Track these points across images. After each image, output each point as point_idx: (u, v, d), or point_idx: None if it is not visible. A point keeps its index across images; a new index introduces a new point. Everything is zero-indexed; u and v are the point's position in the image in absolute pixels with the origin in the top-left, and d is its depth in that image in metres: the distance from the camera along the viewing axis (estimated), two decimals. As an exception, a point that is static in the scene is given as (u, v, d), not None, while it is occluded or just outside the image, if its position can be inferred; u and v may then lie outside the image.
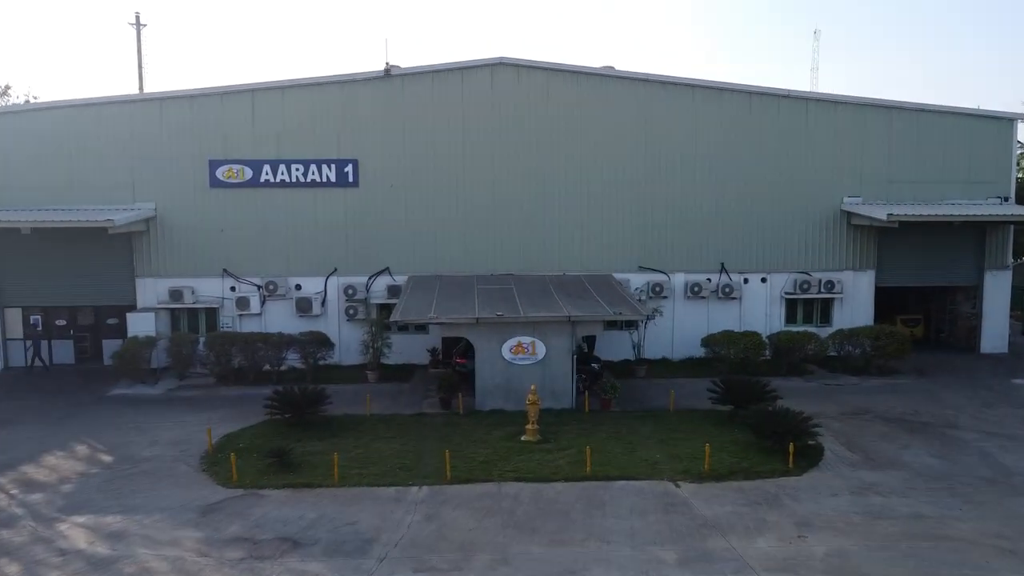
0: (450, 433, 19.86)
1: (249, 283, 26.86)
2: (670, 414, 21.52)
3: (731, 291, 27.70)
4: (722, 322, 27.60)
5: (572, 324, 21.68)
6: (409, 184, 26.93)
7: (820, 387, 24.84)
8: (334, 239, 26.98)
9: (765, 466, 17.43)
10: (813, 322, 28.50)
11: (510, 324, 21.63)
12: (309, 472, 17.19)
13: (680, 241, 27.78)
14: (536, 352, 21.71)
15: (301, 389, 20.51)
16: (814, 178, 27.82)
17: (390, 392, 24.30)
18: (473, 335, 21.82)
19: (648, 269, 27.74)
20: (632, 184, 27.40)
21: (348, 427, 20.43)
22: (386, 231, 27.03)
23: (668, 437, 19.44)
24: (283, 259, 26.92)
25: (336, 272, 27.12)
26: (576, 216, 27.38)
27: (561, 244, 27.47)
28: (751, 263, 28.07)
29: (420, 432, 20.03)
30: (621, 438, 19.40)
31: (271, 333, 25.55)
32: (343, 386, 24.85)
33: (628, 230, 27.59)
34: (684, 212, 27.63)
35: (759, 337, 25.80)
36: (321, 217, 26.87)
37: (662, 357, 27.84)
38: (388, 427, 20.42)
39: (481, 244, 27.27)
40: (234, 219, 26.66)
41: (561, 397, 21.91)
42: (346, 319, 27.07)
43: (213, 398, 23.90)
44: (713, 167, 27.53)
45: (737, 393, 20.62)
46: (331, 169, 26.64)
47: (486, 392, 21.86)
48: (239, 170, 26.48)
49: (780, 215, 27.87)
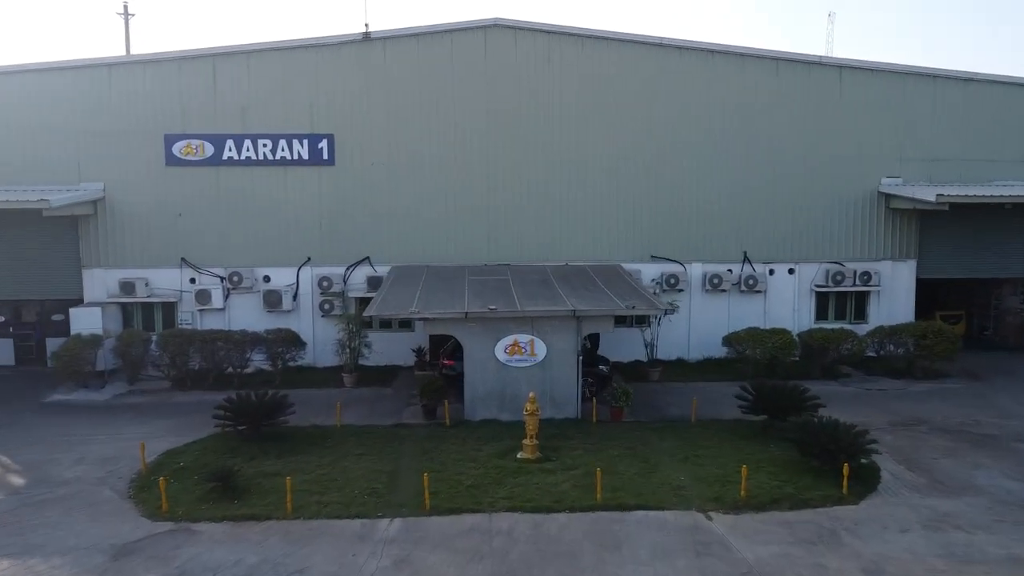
0: (433, 449, 16.76)
1: (211, 274, 23.77)
2: (692, 425, 18.42)
3: (755, 283, 24.60)
4: (744, 318, 24.50)
5: (577, 320, 18.58)
6: (392, 163, 23.82)
7: (860, 392, 21.73)
8: (307, 225, 23.88)
9: (814, 491, 14.34)
10: (846, 318, 25.39)
11: (505, 320, 18.53)
12: (258, 500, 14.09)
13: (697, 227, 24.67)
14: (535, 352, 18.61)
15: (259, 396, 17.42)
16: (849, 156, 24.71)
17: (368, 398, 21.20)
18: (462, 333, 18.72)
19: (661, 259, 24.63)
20: (644, 163, 24.29)
21: (313, 441, 17.33)
22: (366, 216, 23.94)
23: (692, 454, 16.34)
24: (249, 247, 23.82)
25: (309, 262, 24.02)
26: (580, 199, 24.29)
27: (563, 231, 24.37)
28: (777, 252, 24.96)
29: (397, 447, 16.93)
30: (636, 455, 16.30)
31: (233, 331, 22.46)
32: (315, 391, 21.79)
33: (639, 215, 24.49)
34: (702, 194, 24.53)
35: (789, 335, 22.69)
36: (292, 200, 23.78)
37: (677, 358, 24.75)
38: (360, 441, 17.32)
39: (474, 231, 24.17)
40: (194, 202, 23.56)
41: (564, 405, 18.80)
42: (321, 315, 23.97)
43: (164, 405, 20.80)
44: (735, 144, 24.42)
45: (772, 401, 17.52)
46: (303, 145, 23.54)
47: (477, 399, 18.77)
48: (199, 146, 23.37)
49: (810, 198, 24.76)
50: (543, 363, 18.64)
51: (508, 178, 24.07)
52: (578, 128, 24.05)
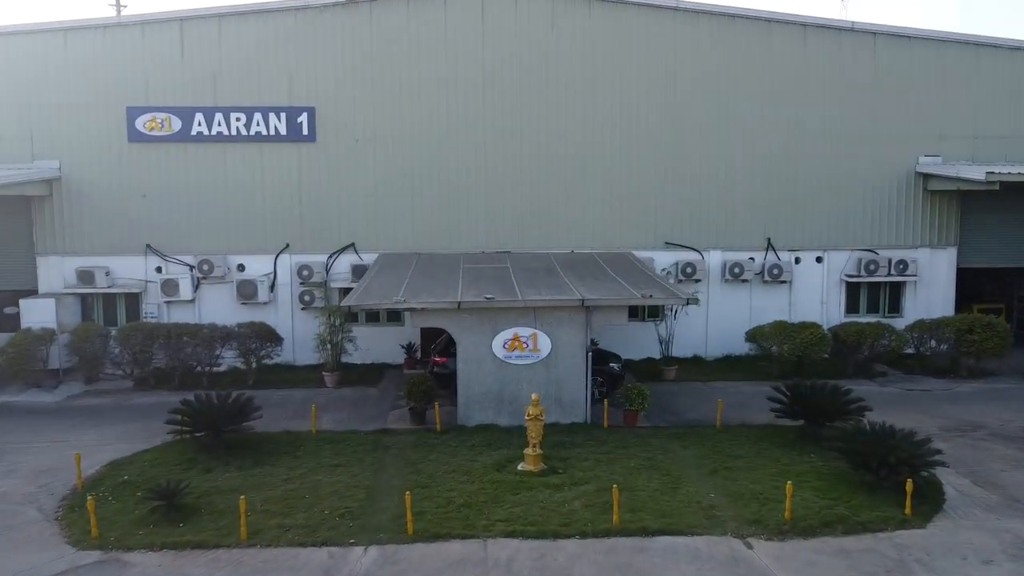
0: (420, 459, 14.47)
1: (179, 263, 21.47)
2: (718, 431, 16.12)
3: (779, 273, 22.29)
4: (768, 312, 22.20)
5: (586, 310, 16.29)
6: (379, 139, 21.52)
7: (901, 393, 19.42)
8: (285, 208, 21.59)
9: (871, 512, 12.05)
10: (879, 311, 23.08)
11: (504, 310, 16.24)
12: (209, 522, 11.81)
13: (717, 212, 22.37)
14: (538, 348, 16.32)
15: (220, 398, 15.14)
16: (883, 133, 22.39)
17: (350, 400, 18.91)
18: (454, 325, 16.44)
19: (676, 246, 22.34)
20: (658, 141, 21.99)
21: (283, 450, 15.04)
22: (350, 198, 21.65)
23: (721, 466, 14.04)
24: (222, 233, 21.52)
25: (288, 249, 21.72)
26: (588, 181, 21.99)
27: (569, 215, 22.06)
28: (804, 239, 22.66)
29: (379, 458, 14.63)
30: (656, 467, 14.01)
31: (202, 325, 20.16)
32: (292, 392, 19.53)
33: (652, 197, 22.18)
34: (721, 175, 22.23)
35: (820, 330, 20.38)
36: (269, 180, 21.48)
37: (693, 355, 22.45)
38: (337, 450, 15.02)
39: (470, 216, 21.88)
40: (159, 182, 21.26)
41: (572, 408, 16.52)
42: (300, 307, 21.68)
43: (122, 408, 18.51)
44: (758, 120, 22.12)
45: (810, 404, 15.22)
46: (281, 119, 21.24)
47: (471, 402, 16.48)
48: (165, 120, 21.07)
49: (840, 179, 22.44)
50: (547, 360, 16.36)
51: (508, 157, 21.78)
52: (585, 102, 21.75)
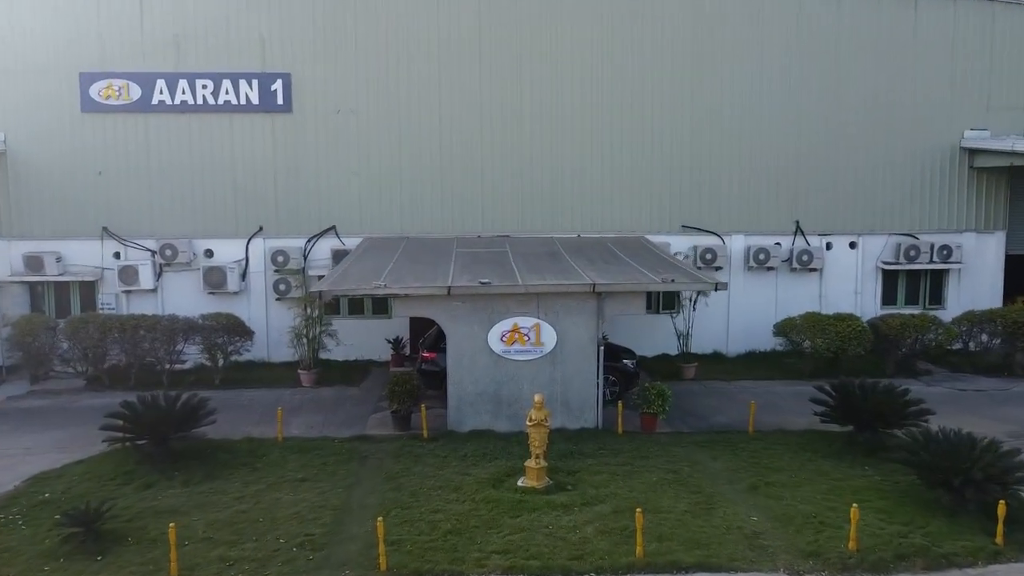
0: (402, 472, 12.20)
1: (139, 247, 19.19)
2: (750, 439, 13.86)
3: (809, 260, 20.00)
4: (795, 303, 19.90)
5: (598, 297, 14.01)
6: (363, 110, 19.24)
7: (953, 394, 17.14)
8: (259, 186, 19.31)
9: (953, 540, 9.80)
10: (919, 302, 20.82)
11: (502, 297, 13.97)
12: (134, 554, 9.56)
13: (740, 191, 20.08)
14: (541, 341, 14.05)
15: (168, 399, 12.88)
16: (924, 105, 20.11)
17: (328, 402, 16.65)
18: (445, 315, 14.16)
19: (694, 229, 20.06)
20: (675, 113, 19.71)
21: (240, 461, 12.78)
22: (332, 176, 19.37)
23: (761, 481, 11.77)
24: (187, 214, 19.25)
25: (261, 233, 19.44)
26: (596, 157, 19.70)
27: (575, 196, 19.78)
28: (836, 222, 20.38)
29: (354, 470, 12.36)
30: (683, 482, 11.74)
31: (161, 316, 17.89)
32: (263, 392, 17.27)
33: (668, 176, 19.89)
34: (744, 151, 19.94)
35: (859, 322, 18.10)
36: (240, 155, 19.21)
37: (713, 351, 20.17)
38: (304, 461, 12.75)
39: (465, 196, 19.60)
40: (117, 157, 18.98)
41: (581, 411, 14.25)
42: (276, 298, 19.39)
43: (66, 411, 16.23)
44: (785, 89, 19.83)
45: (862, 406, 12.94)
46: (253, 87, 18.96)
47: (464, 404, 14.21)
48: (122, 87, 18.80)
49: (876, 156, 20.16)
50: (552, 355, 14.09)
51: (508, 132, 19.49)
52: (594, 70, 19.45)
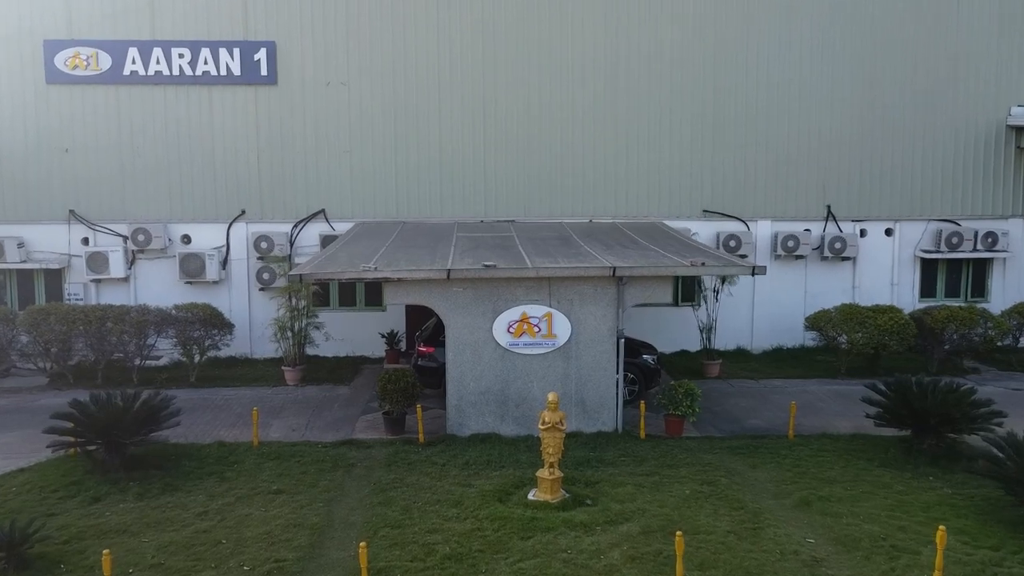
0: (394, 484, 10.52)
1: (110, 232, 17.54)
2: (792, 444, 12.17)
3: (842, 248, 18.32)
4: (826, 294, 18.25)
5: (618, 282, 12.33)
6: (356, 82, 17.59)
7: (1006, 394, 15.34)
8: (241, 166, 17.66)
9: (1058, 571, 8.10)
10: (960, 294, 19.15)
11: (509, 283, 12.30)
12: (65, 586, 7.90)
13: (766, 173, 18.40)
14: (554, 333, 12.38)
15: (127, 398, 11.21)
16: (967, 78, 18.42)
17: (314, 402, 14.97)
18: (444, 302, 12.48)
19: (717, 214, 18.39)
20: (694, 87, 18.04)
21: (208, 469, 11.11)
22: (321, 155, 17.72)
23: (813, 494, 10.08)
24: (162, 196, 17.60)
25: (244, 217, 17.79)
26: (610, 135, 18.04)
27: (586, 179, 18.10)
28: (871, 206, 18.70)
29: (338, 481, 10.68)
30: (722, 496, 10.05)
31: (130, 307, 16.21)
32: (242, 391, 15.61)
33: (687, 156, 18.22)
34: (772, 129, 18.27)
35: (901, 315, 16.40)
36: (220, 131, 17.55)
37: (737, 347, 18.49)
38: (281, 469, 11.08)
39: (467, 178, 17.93)
40: (86, 133, 17.34)
41: (598, 413, 12.57)
42: (259, 288, 17.75)
43: (22, 411, 14.51)
44: (816, 63, 18.15)
45: (922, 407, 11.24)
46: (234, 56, 17.30)
47: (466, 404, 12.52)
48: (91, 56, 17.15)
49: (914, 135, 18.48)
50: (565, 349, 12.42)
51: (513, 107, 17.83)
52: (607, 40, 17.79)
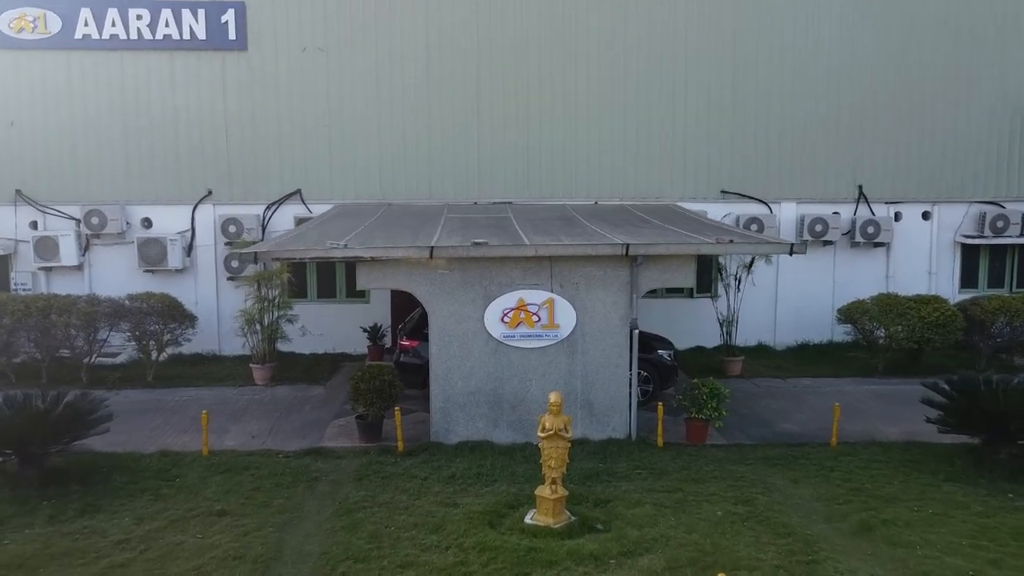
0: (364, 503, 8.69)
1: (61, 215, 15.76)
2: (836, 454, 10.34)
3: (875, 232, 16.51)
4: (857, 285, 16.39)
5: (631, 263, 10.51)
6: (335, 48, 15.80)
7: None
8: (207, 141, 15.86)
9: None
10: (1005, 284, 17.35)
11: (503, 263, 10.48)
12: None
13: (791, 150, 16.61)
14: (556, 323, 10.56)
15: (50, 400, 9.41)
16: (1014, 44, 16.64)
17: (284, 404, 13.15)
18: (427, 286, 10.66)
19: (736, 195, 16.59)
20: (711, 56, 16.25)
21: (144, 484, 9.28)
22: (296, 129, 15.93)
23: (874, 518, 8.24)
24: (119, 175, 15.81)
25: (211, 198, 15.99)
26: (617, 109, 16.24)
27: (591, 158, 16.30)
28: (906, 187, 16.90)
29: (296, 499, 8.85)
30: (762, 518, 8.21)
31: (79, 297, 14.39)
32: (205, 391, 13.82)
33: (703, 132, 16.43)
34: (797, 102, 16.48)
35: (946, 305, 14.58)
36: (184, 102, 15.77)
37: (758, 343, 16.69)
38: (231, 484, 9.25)
39: (459, 156, 16.14)
40: (33, 105, 15.56)
41: (608, 416, 10.74)
42: (227, 276, 15.96)
43: (-51, 414, 12.75)
44: (847, 29, 16.36)
45: (997, 410, 9.41)
46: (199, 18, 15.50)
47: (453, 406, 10.70)
48: (38, 18, 15.37)
49: (955, 107, 16.69)
50: (570, 341, 10.60)
51: (510, 77, 16.04)
52: (615, 7, 16.00)
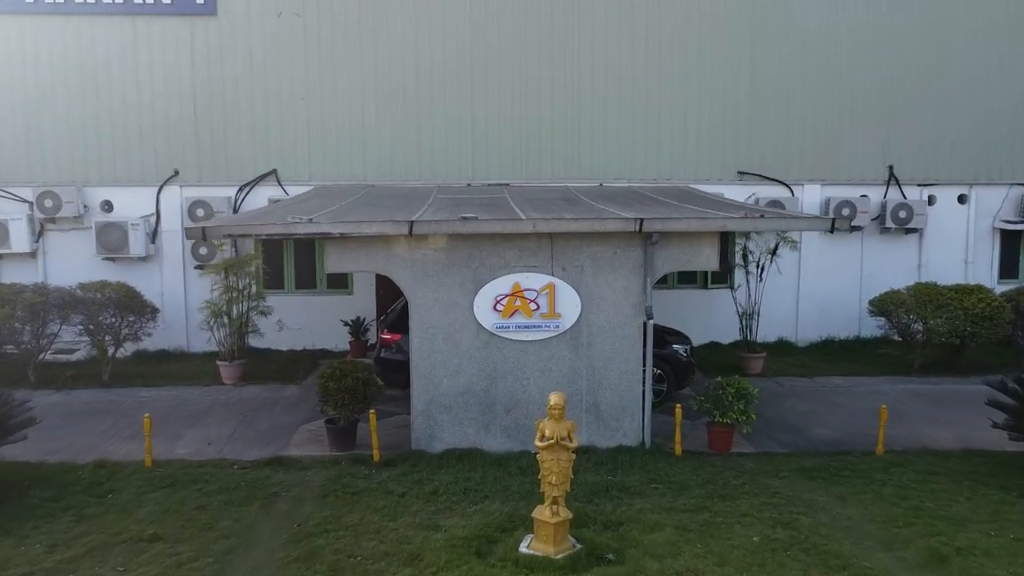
0: (327, 524, 7.21)
1: (11, 197, 14.30)
2: (885, 464, 8.85)
3: (908, 217, 15.03)
4: (887, 275, 14.89)
5: (645, 243, 9.03)
6: (314, 13, 14.34)
7: None
8: (173, 117, 14.40)
9: None
10: (1048, 276, 15.91)
11: (495, 242, 9.00)
12: None
13: (813, 128, 15.13)
14: (557, 312, 9.07)
15: (-40, 402, 7.97)
16: (1058, 11, 15.23)
17: (250, 405, 11.67)
18: (407, 270, 9.18)
19: (755, 176, 15.11)
20: (728, 25, 14.78)
21: (68, 501, 7.81)
22: (272, 104, 14.46)
23: (947, 544, 6.76)
24: (77, 154, 14.36)
25: (177, 179, 14.53)
26: (623, 82, 14.77)
27: (595, 134, 14.83)
28: (940, 167, 15.43)
29: (247, 520, 7.37)
30: (807, 545, 6.74)
31: (25, 287, 12.90)
32: (165, 391, 12.37)
33: (718, 108, 14.96)
34: (820, 76, 15.01)
35: (992, 295, 13.10)
36: (148, 73, 14.31)
37: (778, 338, 15.20)
38: (171, 503, 7.78)
39: (451, 133, 14.67)
40: (-19, 76, 14.17)
41: (618, 421, 9.25)
42: (195, 265, 14.49)
43: None
44: (874, -9, 14.96)
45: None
46: (163, -20, 14.10)
47: (437, 408, 9.21)
48: (-14, -20, 13.97)
49: (995, 80, 15.22)
50: (574, 334, 9.12)
51: (507, 47, 14.56)
52: (620, -38, 14.59)
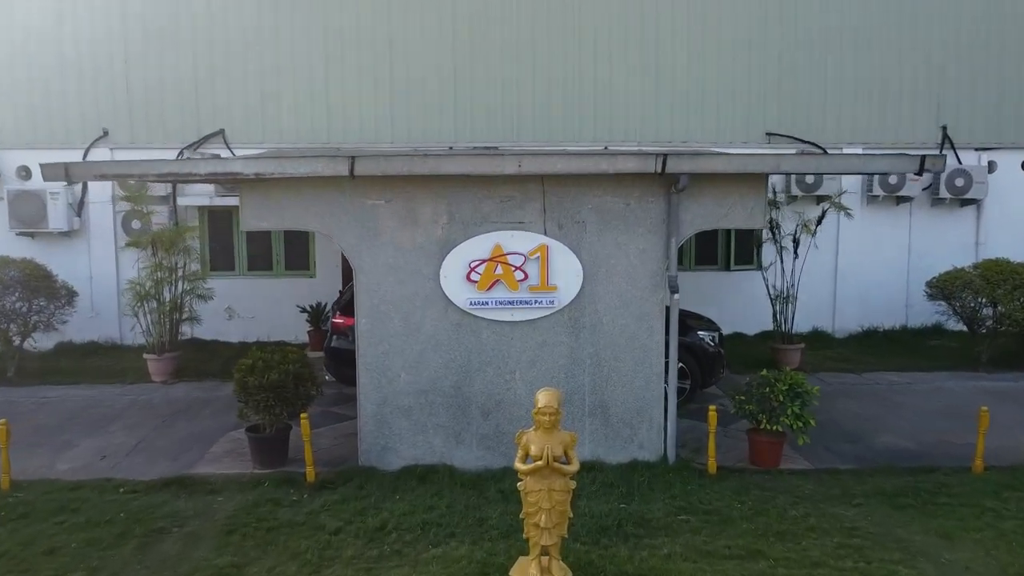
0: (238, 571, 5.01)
1: (-90, 163, 12.16)
2: (994, 486, 6.61)
3: (966, 186, 12.80)
4: (939, 253, 12.67)
5: (668, 190, 6.79)
6: (268, -52, 12.18)
7: None
8: (101, 69, 12.21)
9: None
10: (1126, 256, 13.66)
11: (467, 188, 6.76)
12: None
13: (853, 83, 12.91)
14: (551, 282, 6.84)
15: None
16: None
17: (174, 408, 9.45)
18: (348, 228, 6.94)
19: (786, 138, 12.88)
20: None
21: None
22: (218, 53, 12.28)
23: None
24: (-11, 111, 12.22)
25: (107, 140, 12.31)
26: (633, 32, 12.57)
27: (599, 91, 12.60)
28: (1001, 129, 13.20)
29: (113, 569, 5.15)
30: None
31: (-90, 264, 10.77)
32: (79, 390, 10.26)
33: (743, 61, 12.75)
34: (862, 24, 12.80)
35: (1077, 274, 10.92)
36: (71, 15, 12.13)
37: (813, 328, 12.99)
38: (14, 544, 5.55)
39: (430, 88, 12.46)
40: None
41: (632, 427, 7.00)
42: (126, 241, 12.25)
43: None
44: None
45: None
46: (87, -95, 11.91)
47: (391, 411, 6.96)
48: None
49: (1063, 27, 13.06)
50: (574, 312, 6.89)
51: None
52: None
